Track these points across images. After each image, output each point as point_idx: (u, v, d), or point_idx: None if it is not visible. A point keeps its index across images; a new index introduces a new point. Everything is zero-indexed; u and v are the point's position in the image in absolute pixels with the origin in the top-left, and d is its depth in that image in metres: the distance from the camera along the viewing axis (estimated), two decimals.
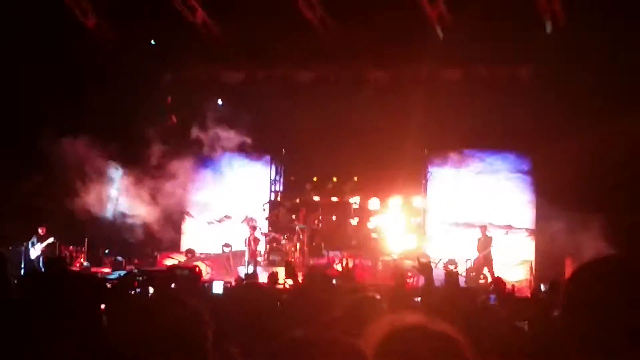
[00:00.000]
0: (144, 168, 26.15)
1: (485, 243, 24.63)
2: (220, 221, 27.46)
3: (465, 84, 25.90)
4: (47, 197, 23.58)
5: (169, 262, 25.47)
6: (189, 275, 19.36)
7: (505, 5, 22.22)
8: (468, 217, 26.33)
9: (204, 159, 27.98)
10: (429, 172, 27.73)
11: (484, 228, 24.98)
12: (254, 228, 25.65)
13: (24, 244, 23.47)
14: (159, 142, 26.61)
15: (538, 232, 25.76)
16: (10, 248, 23.26)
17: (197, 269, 21.28)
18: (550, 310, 10.14)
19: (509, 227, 26.13)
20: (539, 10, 23.55)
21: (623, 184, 21.97)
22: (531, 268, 25.07)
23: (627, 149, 21.31)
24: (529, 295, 20.19)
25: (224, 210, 27.67)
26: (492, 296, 14.83)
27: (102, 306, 4.19)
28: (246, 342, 4.08)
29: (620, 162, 21.68)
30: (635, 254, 2.64)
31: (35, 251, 23.57)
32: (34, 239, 23.74)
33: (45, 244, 23.77)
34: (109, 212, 26.93)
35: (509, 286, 18.79)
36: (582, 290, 2.75)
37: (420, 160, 27.08)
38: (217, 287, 15.71)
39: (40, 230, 23.82)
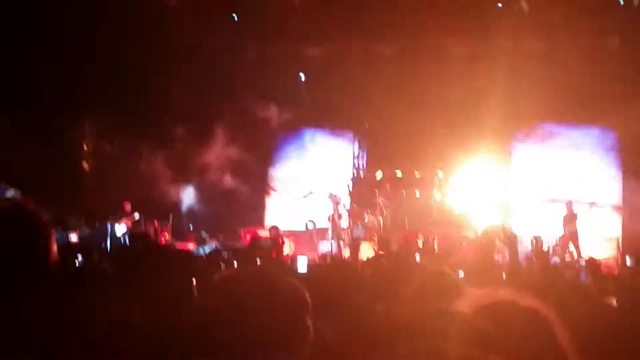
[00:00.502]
0: (226, 143, 26.25)
1: (570, 219, 24.31)
2: (305, 197, 27.47)
3: (549, 56, 25.52)
4: (131, 173, 23.89)
5: None
6: (271, 246, 19.52)
7: None
8: (552, 193, 26.03)
9: (287, 135, 28.07)
10: (513, 147, 27.46)
11: (569, 204, 24.65)
12: (337, 204, 25.65)
13: (110, 219, 23.76)
14: (241, 118, 26.70)
15: (625, 208, 25.39)
16: (97, 224, 23.66)
17: (279, 239, 21.39)
18: (637, 285, 9.97)
19: (593, 203, 25.74)
20: None
21: None
22: (618, 245, 24.70)
23: None
24: (616, 272, 19.93)
25: (307, 186, 27.68)
26: (582, 273, 14.62)
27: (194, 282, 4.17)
28: (328, 318, 4.06)
29: None
30: None
31: (121, 227, 23.83)
32: (119, 215, 24.01)
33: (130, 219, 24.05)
34: (192, 186, 27.17)
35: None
36: None
37: (504, 135, 26.69)
38: (302, 264, 15.72)
39: (125, 206, 24.09)
